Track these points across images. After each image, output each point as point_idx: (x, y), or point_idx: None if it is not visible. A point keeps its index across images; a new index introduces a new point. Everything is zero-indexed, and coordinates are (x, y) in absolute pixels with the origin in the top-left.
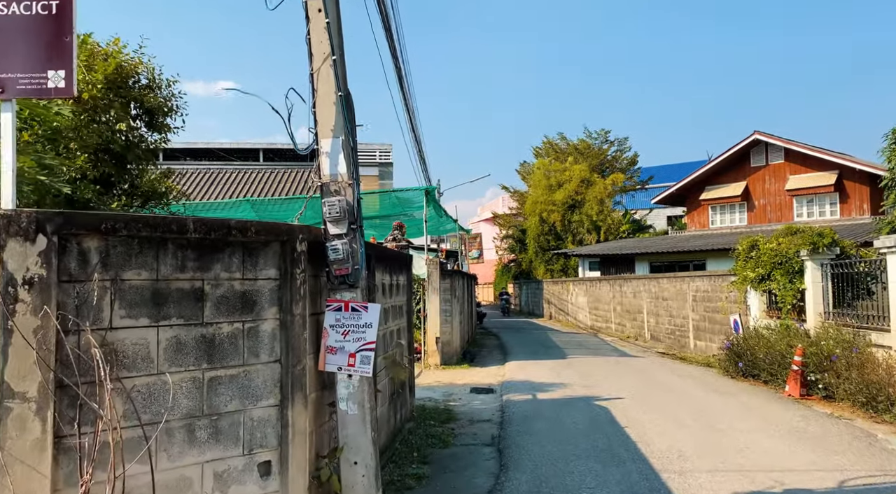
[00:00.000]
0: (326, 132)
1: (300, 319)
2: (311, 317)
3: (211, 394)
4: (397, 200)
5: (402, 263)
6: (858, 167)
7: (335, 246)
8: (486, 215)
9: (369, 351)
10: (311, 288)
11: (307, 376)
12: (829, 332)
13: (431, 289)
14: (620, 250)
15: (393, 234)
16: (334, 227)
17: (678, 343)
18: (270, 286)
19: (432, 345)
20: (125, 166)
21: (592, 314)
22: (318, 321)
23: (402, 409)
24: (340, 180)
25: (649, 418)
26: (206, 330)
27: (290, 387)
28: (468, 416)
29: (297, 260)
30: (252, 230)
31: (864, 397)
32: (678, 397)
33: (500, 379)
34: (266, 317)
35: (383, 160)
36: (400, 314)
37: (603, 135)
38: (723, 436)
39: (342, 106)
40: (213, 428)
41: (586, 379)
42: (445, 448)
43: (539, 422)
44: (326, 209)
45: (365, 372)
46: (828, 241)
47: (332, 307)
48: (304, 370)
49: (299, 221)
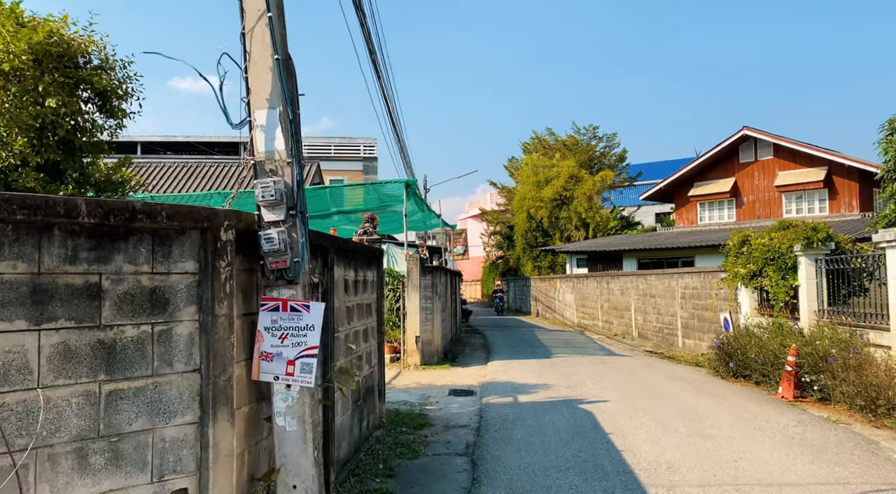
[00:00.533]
0: (261, 102)
1: (225, 321)
2: (243, 318)
3: (110, 412)
4: (377, 194)
5: (370, 258)
6: (848, 163)
7: (270, 234)
8: (474, 211)
9: (311, 358)
10: (243, 284)
11: (235, 387)
12: (824, 331)
13: (411, 286)
14: (608, 247)
15: (364, 227)
16: (270, 213)
17: (666, 341)
18: (188, 281)
19: (412, 345)
20: (74, 153)
21: (580, 311)
22: (254, 322)
23: (369, 416)
24: (278, 158)
25: (636, 423)
26: (105, 334)
27: (211, 401)
28: (444, 421)
29: (222, 250)
30: (163, 215)
31: (863, 400)
32: (666, 400)
33: (482, 380)
34: (182, 319)
35: (367, 154)
36: (368, 313)
37: (591, 131)
38: (715, 444)
39: (279, 71)
40: (113, 452)
41: (571, 379)
42: (415, 459)
43: (518, 429)
44: (260, 192)
45: (306, 381)
46: (822, 236)
47: (267, 306)
48: (231, 380)
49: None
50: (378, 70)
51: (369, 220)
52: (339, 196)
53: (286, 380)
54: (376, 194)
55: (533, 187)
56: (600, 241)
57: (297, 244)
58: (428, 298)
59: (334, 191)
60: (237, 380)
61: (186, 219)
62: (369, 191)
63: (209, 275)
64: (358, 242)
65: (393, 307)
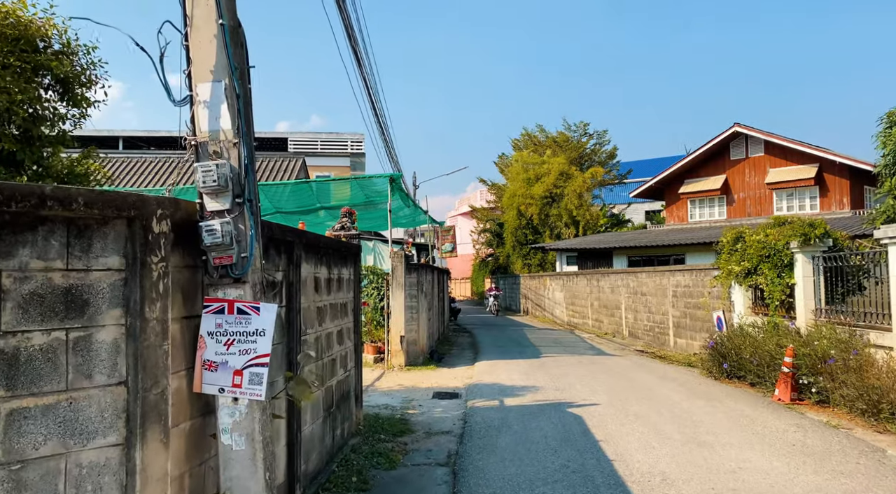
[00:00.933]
0: (204, 74)
1: (158, 325)
2: (183, 322)
3: (12, 434)
4: (363, 190)
5: (345, 254)
6: (839, 160)
7: (212, 226)
8: (464, 209)
9: (261, 367)
10: (183, 283)
11: (171, 401)
12: (822, 331)
13: (396, 285)
14: (598, 244)
15: (341, 222)
16: (213, 201)
17: (657, 340)
18: (111, 280)
19: (396, 345)
20: (32, 143)
21: (569, 309)
22: (197, 327)
23: (344, 423)
24: (223, 138)
25: (627, 429)
26: (6, 342)
27: (140, 419)
28: (426, 427)
29: (154, 244)
30: (80, 201)
31: (865, 404)
32: (659, 403)
33: (468, 382)
34: (104, 323)
35: (355, 150)
36: (343, 313)
37: (582, 128)
38: (711, 453)
39: (225, 39)
40: (15, 483)
41: (560, 381)
42: (393, 470)
43: (504, 435)
44: (201, 176)
45: (255, 394)
46: (820, 232)
47: (211, 308)
48: (166, 393)
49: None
50: (359, 56)
51: (347, 215)
52: (325, 192)
53: (233, 393)
54: (362, 190)
55: (523, 184)
56: (590, 239)
57: (246, 237)
58: (413, 297)
59: (319, 187)
60: (175, 393)
61: (109, 206)
62: (354, 187)
63: (138, 273)
64: (332, 237)
65: (377, 306)
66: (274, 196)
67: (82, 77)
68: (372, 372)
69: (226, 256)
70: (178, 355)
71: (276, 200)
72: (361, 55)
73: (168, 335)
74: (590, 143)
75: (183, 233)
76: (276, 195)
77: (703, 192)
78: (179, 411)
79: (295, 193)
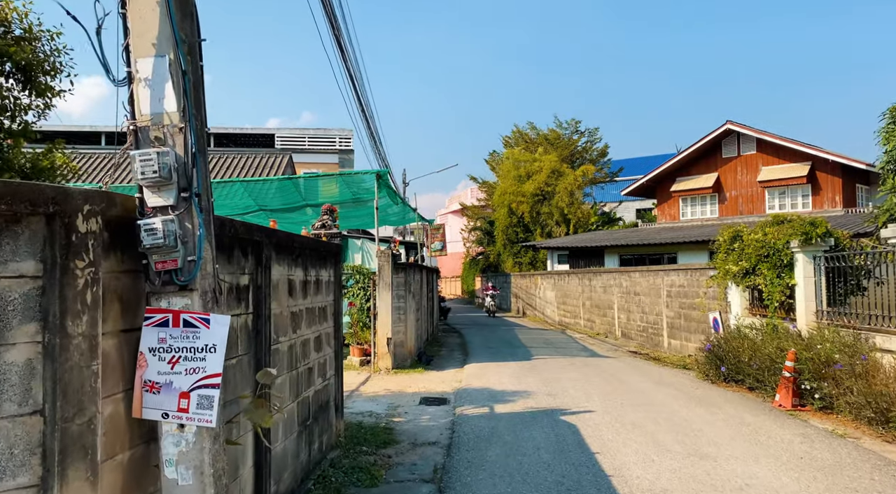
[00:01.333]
0: (145, 47)
1: (85, 342)
2: (122, 337)
3: None
4: (350, 187)
5: (324, 254)
6: (832, 158)
7: (152, 224)
8: (455, 207)
9: (212, 389)
10: (121, 291)
11: (100, 431)
12: (824, 334)
13: (382, 285)
14: (590, 242)
15: (321, 219)
16: (155, 196)
17: (651, 341)
18: (24, 289)
19: (383, 347)
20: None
21: (561, 309)
22: (138, 341)
23: (322, 436)
24: (167, 122)
25: (624, 440)
26: None
27: (59, 454)
28: (411, 437)
29: (80, 245)
30: None
31: (873, 412)
32: (656, 410)
33: (456, 386)
34: (14, 341)
35: (343, 147)
36: (322, 318)
37: (573, 126)
38: (715, 467)
39: (169, 7)
40: None
41: (552, 385)
42: (374, 487)
43: (494, 447)
44: (139, 166)
45: (204, 419)
46: (822, 231)
47: (152, 320)
48: (94, 422)
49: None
50: (342, 45)
51: (328, 212)
52: (313, 190)
53: (178, 418)
54: (348, 187)
55: (514, 182)
56: (582, 237)
57: (193, 237)
58: (401, 297)
59: (305, 184)
60: (110, 420)
61: (21, 201)
62: (341, 184)
63: (58, 280)
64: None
65: (363, 306)
66: (258, 193)
67: (45, 64)
68: (358, 375)
69: (170, 260)
70: (114, 375)
71: (259, 198)
72: (345, 44)
73: (98, 353)
74: (581, 141)
75: (121, 233)
76: (260, 192)
77: (694, 190)
78: (116, 440)
79: (280, 191)
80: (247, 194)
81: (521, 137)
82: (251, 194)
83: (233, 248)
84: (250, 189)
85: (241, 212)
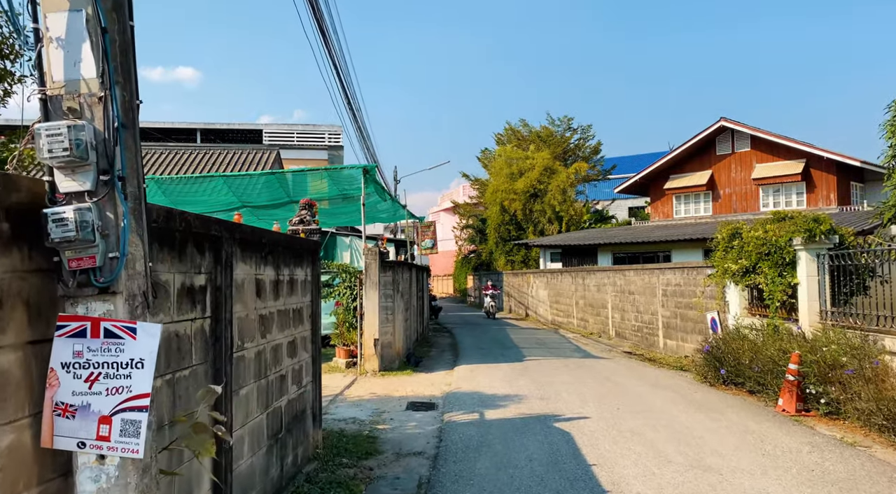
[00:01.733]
0: (57, 1)
1: None
2: (30, 350)
3: None
4: (337, 183)
5: (300, 252)
6: (826, 155)
7: (62, 213)
8: (447, 204)
9: (139, 412)
10: (29, 294)
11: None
12: (830, 336)
13: (370, 284)
14: (583, 240)
15: (300, 215)
16: (68, 180)
17: (646, 341)
18: None
19: (370, 348)
20: None
21: (553, 308)
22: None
23: (297, 448)
24: (84, 90)
25: (622, 449)
26: None
27: None
28: (396, 446)
29: None
30: None
31: (884, 419)
32: (655, 416)
33: (446, 390)
34: None
35: (333, 143)
36: (298, 320)
37: (566, 123)
38: (721, 480)
39: None
40: None
41: (545, 389)
42: None
43: (484, 458)
44: (46, 142)
45: (130, 449)
46: (826, 228)
47: (66, 330)
48: None
49: None
50: (325, 32)
51: (307, 206)
52: (300, 186)
53: (98, 448)
54: (336, 183)
55: (506, 179)
56: (574, 235)
57: (115, 229)
58: (389, 296)
59: (293, 179)
60: (13, 451)
61: None
62: (329, 180)
63: None
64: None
65: (350, 306)
66: (242, 189)
67: (3, 47)
68: (343, 378)
69: (86, 257)
70: (17, 397)
71: (243, 194)
72: (327, 29)
73: None
74: (574, 138)
75: (28, 225)
76: (245, 188)
77: (688, 188)
78: (20, 475)
79: (266, 187)
80: (229, 190)
81: (514, 134)
82: (234, 190)
83: (185, 244)
84: (233, 184)
85: (224, 209)
